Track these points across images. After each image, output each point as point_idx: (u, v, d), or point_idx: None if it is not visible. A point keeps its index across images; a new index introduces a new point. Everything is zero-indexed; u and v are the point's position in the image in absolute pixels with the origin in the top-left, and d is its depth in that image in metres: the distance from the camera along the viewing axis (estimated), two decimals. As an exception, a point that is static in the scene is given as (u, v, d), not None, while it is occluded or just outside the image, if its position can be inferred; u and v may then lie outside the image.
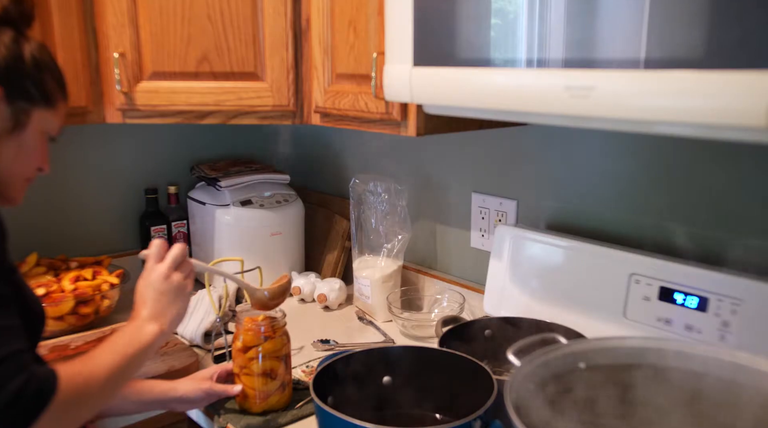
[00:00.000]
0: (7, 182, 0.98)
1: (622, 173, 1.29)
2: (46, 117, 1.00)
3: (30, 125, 0.97)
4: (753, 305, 1.06)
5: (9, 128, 0.95)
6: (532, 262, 1.37)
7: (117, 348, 0.95)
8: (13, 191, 1.01)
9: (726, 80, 0.70)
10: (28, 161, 1.00)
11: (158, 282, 1.02)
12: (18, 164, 0.98)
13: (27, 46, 0.96)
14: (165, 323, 1.00)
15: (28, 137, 0.97)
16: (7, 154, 0.96)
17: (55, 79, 1.01)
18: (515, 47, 0.91)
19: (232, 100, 1.45)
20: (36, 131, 0.99)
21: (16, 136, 0.96)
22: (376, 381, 1.14)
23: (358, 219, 1.71)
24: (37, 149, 1.00)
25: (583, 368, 0.94)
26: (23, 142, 0.97)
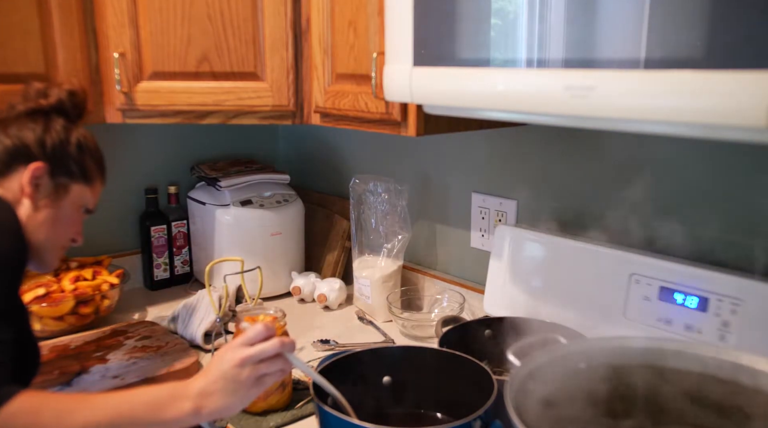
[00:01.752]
0: (45, 247, 1.08)
1: (622, 173, 1.29)
2: (84, 192, 1.13)
3: (68, 198, 1.10)
4: (753, 305, 1.06)
5: (50, 199, 1.08)
6: (532, 262, 1.37)
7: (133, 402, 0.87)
8: (49, 257, 1.11)
9: (726, 80, 0.70)
10: (63, 229, 1.11)
11: (228, 364, 0.89)
12: (54, 232, 1.09)
13: (75, 133, 1.12)
14: (204, 406, 0.88)
15: (66, 207, 1.10)
16: (46, 221, 1.07)
17: (95, 161, 1.15)
18: (515, 47, 0.91)
19: (232, 100, 1.45)
20: (73, 204, 1.11)
21: (55, 205, 1.09)
22: (376, 381, 1.14)
23: (358, 219, 1.71)
24: (72, 219, 1.12)
25: (583, 368, 0.94)
26: (60, 211, 1.09)
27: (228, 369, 0.89)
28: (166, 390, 0.89)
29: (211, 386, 0.88)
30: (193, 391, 0.88)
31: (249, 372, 0.89)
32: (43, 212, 1.07)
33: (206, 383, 0.89)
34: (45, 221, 1.07)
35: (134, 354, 1.40)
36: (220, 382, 0.88)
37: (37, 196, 1.06)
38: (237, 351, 0.90)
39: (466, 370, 1.10)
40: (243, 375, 0.89)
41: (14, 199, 1.05)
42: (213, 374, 0.89)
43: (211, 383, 0.89)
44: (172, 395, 0.88)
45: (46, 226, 1.08)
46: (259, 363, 0.90)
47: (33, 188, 1.06)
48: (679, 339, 1.11)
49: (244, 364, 0.89)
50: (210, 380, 0.89)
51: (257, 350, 0.90)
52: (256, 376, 0.90)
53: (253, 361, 0.89)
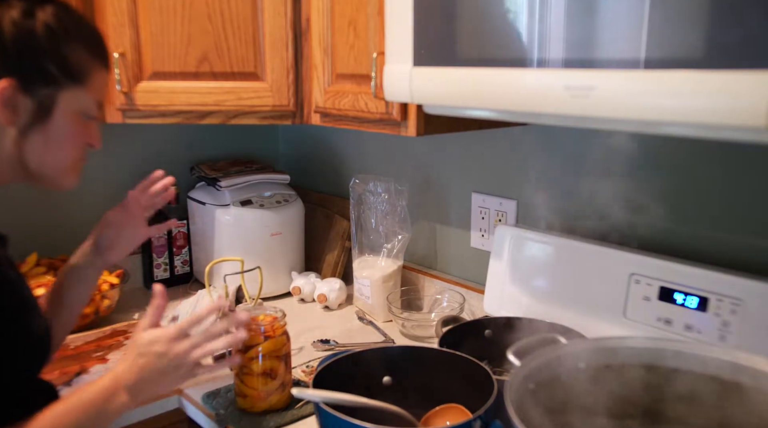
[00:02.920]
0: (52, 171, 0.91)
1: (623, 173, 1.29)
2: (77, 96, 0.88)
3: (58, 110, 0.87)
4: (753, 305, 1.06)
5: (35, 118, 0.85)
6: (532, 262, 1.37)
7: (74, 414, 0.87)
8: (63, 179, 0.93)
9: (726, 80, 0.70)
10: (66, 146, 0.90)
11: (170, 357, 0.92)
12: (55, 153, 0.89)
13: (40, 15, 0.83)
14: (138, 395, 0.91)
15: (59, 122, 0.87)
16: (34, 147, 0.87)
17: (84, 45, 0.88)
18: (515, 47, 0.91)
19: (232, 100, 1.45)
20: (67, 115, 0.88)
21: (45, 124, 0.86)
22: (376, 381, 1.14)
23: (358, 219, 1.71)
24: (74, 132, 0.90)
25: (583, 368, 0.94)
26: (54, 129, 0.87)
27: (170, 361, 0.92)
28: (99, 392, 0.90)
29: (151, 379, 0.91)
30: (124, 385, 0.91)
31: (190, 360, 0.93)
32: (34, 136, 0.86)
33: (143, 376, 0.91)
34: (39, 146, 0.87)
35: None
36: (158, 375, 0.92)
37: (17, 119, 0.85)
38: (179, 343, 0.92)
39: (466, 370, 1.10)
40: (185, 366, 0.93)
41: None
42: (152, 366, 0.91)
43: (150, 376, 0.91)
44: (106, 396, 0.90)
45: (42, 150, 0.88)
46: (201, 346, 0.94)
47: (9, 112, 0.84)
48: (679, 339, 1.11)
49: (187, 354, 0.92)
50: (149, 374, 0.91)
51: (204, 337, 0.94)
52: (194, 361, 0.93)
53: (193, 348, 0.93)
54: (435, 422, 1.05)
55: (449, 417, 1.04)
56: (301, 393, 1.00)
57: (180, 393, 1.32)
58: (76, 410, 0.88)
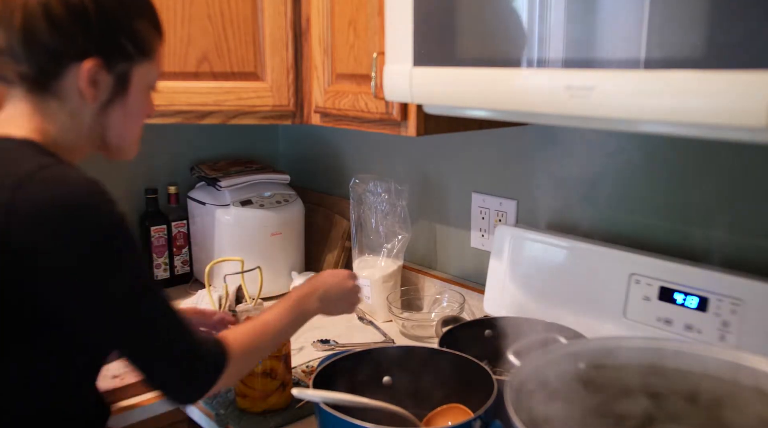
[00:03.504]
0: (123, 142, 0.97)
1: (622, 173, 1.29)
2: (149, 70, 0.94)
3: (133, 85, 0.92)
4: (753, 305, 1.06)
5: (110, 97, 0.90)
6: (532, 262, 1.37)
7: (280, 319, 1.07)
8: (132, 147, 1.00)
9: (726, 80, 0.70)
10: (137, 117, 0.96)
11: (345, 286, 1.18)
12: (129, 125, 0.95)
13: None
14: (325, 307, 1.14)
15: (133, 96, 0.92)
16: (115, 121, 0.92)
17: (148, 20, 0.92)
18: (515, 47, 0.91)
19: (232, 100, 1.45)
20: (139, 89, 0.93)
21: (122, 99, 0.91)
22: (376, 381, 1.14)
23: (358, 219, 1.71)
24: (144, 104, 0.95)
25: (583, 368, 0.94)
26: (129, 103, 0.92)
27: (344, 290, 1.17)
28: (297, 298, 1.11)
29: (332, 297, 1.15)
30: (319, 294, 1.13)
31: (353, 297, 1.20)
32: (113, 112, 0.92)
33: (328, 292, 1.14)
34: (118, 120, 0.93)
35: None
36: (336, 296, 1.16)
37: (100, 95, 0.89)
38: (349, 280, 1.19)
39: (466, 370, 1.10)
40: (350, 299, 1.19)
41: (76, 107, 0.89)
42: (332, 289, 1.15)
43: (332, 294, 1.15)
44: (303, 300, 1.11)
45: (121, 124, 0.93)
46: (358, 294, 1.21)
47: (93, 89, 0.88)
48: (679, 339, 1.11)
49: (352, 292, 1.19)
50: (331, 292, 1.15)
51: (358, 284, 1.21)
52: (354, 301, 1.20)
53: (356, 291, 1.20)
54: (437, 422, 1.05)
55: (451, 417, 1.04)
56: (301, 393, 1.00)
57: (180, 393, 1.32)
58: (279, 317, 1.07)
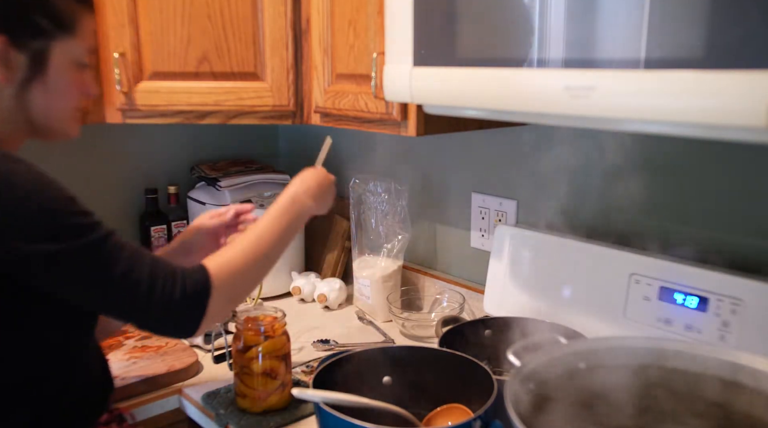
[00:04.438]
0: (48, 125, 0.92)
1: (622, 173, 1.29)
2: (70, 46, 0.89)
3: (52, 62, 0.88)
4: (753, 305, 1.06)
5: (27, 76, 0.87)
6: (532, 262, 1.37)
7: (273, 223, 1.03)
8: (62, 128, 0.95)
9: (726, 80, 0.70)
10: (61, 100, 0.92)
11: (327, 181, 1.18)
12: (53, 104, 0.91)
13: None
14: (319, 204, 1.13)
15: (54, 76, 0.89)
16: (37, 101, 0.89)
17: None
18: (515, 47, 0.91)
19: (232, 100, 1.45)
20: (62, 66, 0.89)
21: (40, 77, 0.88)
22: (376, 381, 1.14)
23: (358, 219, 1.71)
24: (70, 81, 0.91)
25: (583, 368, 0.94)
26: (50, 81, 0.89)
27: (327, 184, 1.18)
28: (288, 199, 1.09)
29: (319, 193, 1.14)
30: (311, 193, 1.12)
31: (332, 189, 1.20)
32: (33, 91, 0.88)
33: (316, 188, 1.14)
34: (40, 99, 0.89)
35: (134, 354, 1.40)
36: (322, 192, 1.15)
37: (13, 75, 0.86)
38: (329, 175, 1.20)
39: (466, 370, 1.10)
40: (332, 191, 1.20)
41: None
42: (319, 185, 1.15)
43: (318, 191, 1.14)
44: (296, 200, 1.09)
45: (44, 103, 0.90)
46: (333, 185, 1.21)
47: (4, 69, 0.85)
48: (679, 339, 1.11)
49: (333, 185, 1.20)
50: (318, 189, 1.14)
51: None
52: (332, 196, 1.20)
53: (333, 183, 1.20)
54: (437, 422, 1.05)
55: (452, 417, 1.04)
56: (301, 393, 1.00)
57: (180, 392, 1.32)
58: (274, 222, 1.04)
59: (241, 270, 0.97)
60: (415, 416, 1.06)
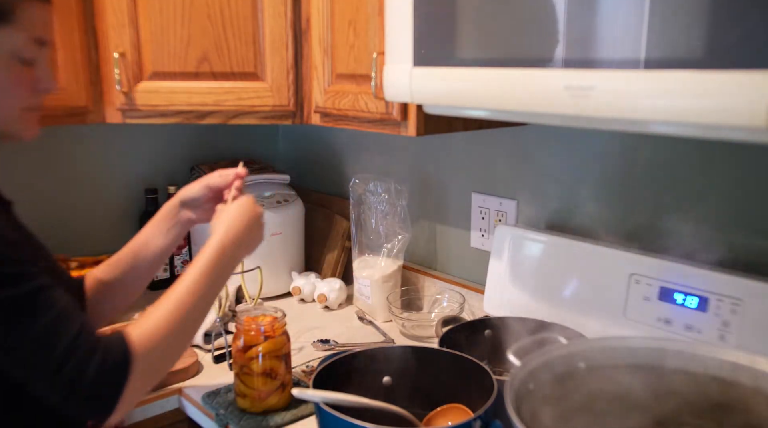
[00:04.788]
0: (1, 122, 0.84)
1: (623, 173, 1.29)
2: (9, 37, 0.80)
3: None
4: (753, 305, 1.06)
5: None
6: (532, 262, 1.37)
7: (197, 283, 0.93)
8: (12, 129, 0.87)
9: (726, 80, 0.70)
10: (8, 94, 0.83)
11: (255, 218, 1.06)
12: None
13: None
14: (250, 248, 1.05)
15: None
16: None
17: None
18: (515, 47, 0.91)
19: (232, 100, 1.45)
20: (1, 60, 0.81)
21: None
22: (376, 381, 1.14)
23: (358, 219, 1.71)
24: (11, 81, 0.83)
25: (583, 368, 0.94)
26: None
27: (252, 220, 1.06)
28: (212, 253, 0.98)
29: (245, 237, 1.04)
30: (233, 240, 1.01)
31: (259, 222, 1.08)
32: None
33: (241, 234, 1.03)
34: None
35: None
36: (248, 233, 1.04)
37: None
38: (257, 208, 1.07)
39: (466, 370, 1.10)
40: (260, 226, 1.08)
41: None
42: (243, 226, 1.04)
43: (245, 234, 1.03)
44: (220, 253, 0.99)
45: None
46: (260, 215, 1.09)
47: None
48: (679, 339, 1.11)
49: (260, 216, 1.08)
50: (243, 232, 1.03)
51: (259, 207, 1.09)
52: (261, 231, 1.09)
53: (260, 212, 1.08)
54: (437, 422, 1.05)
55: (452, 417, 1.04)
56: (301, 393, 1.00)
57: (180, 392, 1.32)
58: (198, 282, 0.94)
59: (166, 340, 0.87)
60: (415, 416, 1.06)
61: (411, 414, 1.05)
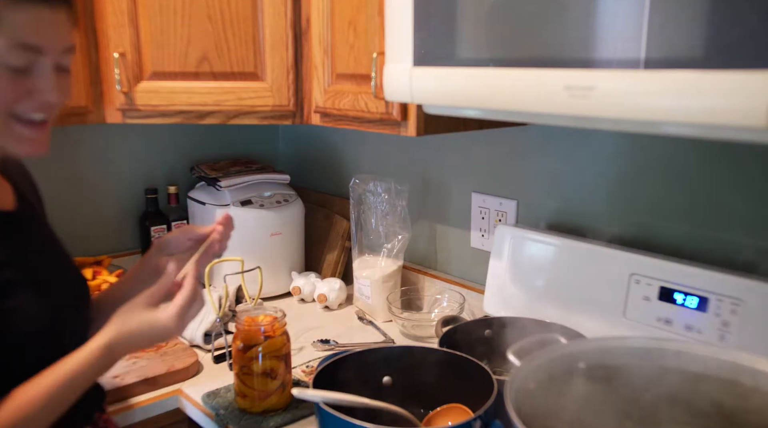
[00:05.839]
0: None
1: (623, 173, 1.29)
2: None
3: None
4: (753, 305, 1.06)
5: None
6: (532, 262, 1.37)
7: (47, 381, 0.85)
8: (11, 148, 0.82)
9: (726, 80, 0.70)
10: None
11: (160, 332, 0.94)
12: None
13: None
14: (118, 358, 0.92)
15: None
16: None
17: None
18: (515, 47, 0.91)
19: (232, 100, 1.45)
20: None
21: None
22: (376, 381, 1.14)
23: (358, 219, 1.71)
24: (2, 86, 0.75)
25: (583, 368, 0.94)
26: None
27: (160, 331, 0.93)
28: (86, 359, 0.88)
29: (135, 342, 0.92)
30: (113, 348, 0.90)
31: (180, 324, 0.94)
32: None
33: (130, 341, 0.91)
34: None
35: (134, 354, 1.40)
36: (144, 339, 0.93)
37: None
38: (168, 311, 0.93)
39: (466, 370, 1.10)
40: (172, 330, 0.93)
41: None
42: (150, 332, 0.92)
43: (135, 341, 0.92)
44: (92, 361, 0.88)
45: None
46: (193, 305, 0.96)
47: None
48: (679, 339, 1.11)
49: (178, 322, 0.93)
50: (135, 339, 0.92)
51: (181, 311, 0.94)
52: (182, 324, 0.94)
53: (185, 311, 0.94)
54: (437, 422, 1.05)
55: (451, 417, 1.04)
56: (301, 393, 1.00)
57: (180, 393, 1.32)
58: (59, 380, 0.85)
59: None
60: (415, 416, 1.06)
61: (411, 414, 1.05)
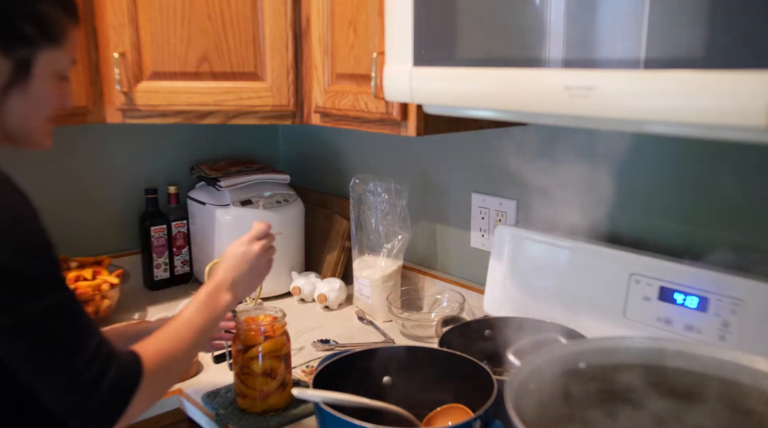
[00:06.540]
0: (23, 133, 0.90)
1: (622, 173, 1.29)
2: (55, 58, 0.88)
3: (36, 72, 0.86)
4: (753, 305, 1.06)
5: (8, 83, 0.84)
6: (532, 262, 1.37)
7: (193, 318, 1.00)
8: (37, 138, 0.93)
9: (726, 80, 0.70)
10: (40, 109, 0.90)
11: (253, 256, 1.10)
12: (30, 115, 0.89)
13: None
14: (239, 293, 1.08)
15: (36, 85, 0.87)
16: (15, 108, 0.86)
17: (57, 3, 0.87)
18: (515, 47, 0.91)
19: (232, 100, 1.45)
20: (44, 77, 0.87)
21: (23, 87, 0.86)
22: (376, 381, 1.14)
23: (358, 219, 1.71)
24: (49, 94, 0.89)
25: (583, 368, 0.94)
26: (31, 91, 0.87)
27: (252, 259, 1.10)
28: (206, 294, 1.04)
29: (243, 277, 1.09)
30: (228, 284, 1.07)
31: (265, 258, 1.14)
32: (13, 98, 0.86)
33: (237, 275, 1.08)
34: (19, 107, 0.87)
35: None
36: (247, 272, 1.09)
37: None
38: (254, 244, 1.12)
39: (466, 370, 1.10)
40: (263, 262, 1.13)
41: None
42: (241, 266, 1.09)
43: (242, 274, 1.09)
44: (213, 294, 1.04)
45: (22, 112, 0.87)
46: (269, 249, 1.15)
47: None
48: (679, 339, 1.11)
49: (262, 254, 1.12)
50: (240, 272, 1.09)
51: (268, 241, 1.15)
52: (268, 259, 1.14)
53: (265, 249, 1.13)
54: (437, 422, 1.05)
55: (451, 417, 1.04)
56: (301, 393, 1.00)
57: (180, 393, 1.32)
58: (194, 312, 1.01)
59: (169, 364, 0.93)
60: (415, 416, 1.06)
61: (411, 414, 1.05)
